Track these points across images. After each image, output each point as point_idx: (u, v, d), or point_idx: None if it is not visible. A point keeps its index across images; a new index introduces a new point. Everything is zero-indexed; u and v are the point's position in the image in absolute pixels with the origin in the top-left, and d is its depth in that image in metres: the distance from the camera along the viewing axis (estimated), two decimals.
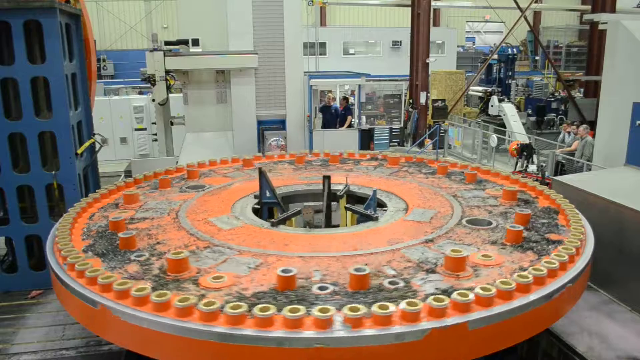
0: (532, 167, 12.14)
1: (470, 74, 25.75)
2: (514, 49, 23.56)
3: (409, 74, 19.01)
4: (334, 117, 12.11)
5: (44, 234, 5.30)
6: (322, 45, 24.74)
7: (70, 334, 4.88)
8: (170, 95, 9.87)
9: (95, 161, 7.02)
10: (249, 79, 9.70)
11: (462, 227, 4.35)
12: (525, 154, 12.68)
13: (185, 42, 10.14)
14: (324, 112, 12.18)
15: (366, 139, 14.93)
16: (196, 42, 10.13)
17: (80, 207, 4.88)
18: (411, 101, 18.70)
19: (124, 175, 9.73)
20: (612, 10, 16.48)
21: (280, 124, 10.00)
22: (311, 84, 10.54)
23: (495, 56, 22.14)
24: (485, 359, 3.48)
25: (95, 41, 8.43)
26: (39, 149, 5.70)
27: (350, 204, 5.46)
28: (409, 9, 19.17)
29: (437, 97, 20.66)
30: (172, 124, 10.32)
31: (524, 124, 17.04)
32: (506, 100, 18.55)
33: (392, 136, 18.00)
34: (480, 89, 22.17)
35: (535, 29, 31.15)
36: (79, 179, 6.05)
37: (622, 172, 6.34)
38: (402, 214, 4.81)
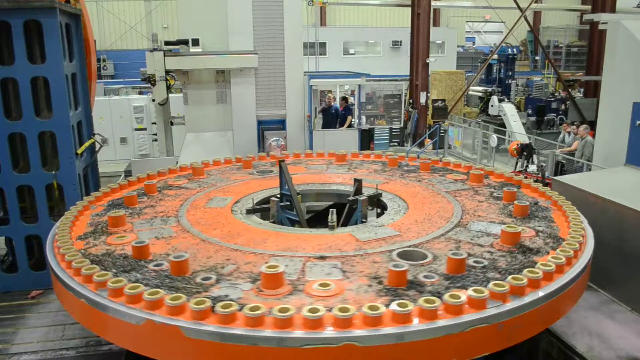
0: (532, 167, 12.13)
1: (470, 74, 25.74)
2: (514, 49, 23.56)
3: (409, 74, 19.01)
4: (334, 117, 12.11)
5: (44, 234, 5.30)
6: (322, 45, 24.71)
7: (70, 334, 4.88)
8: (170, 95, 9.86)
9: (95, 161, 7.02)
10: (249, 78, 9.69)
11: None
12: (525, 154, 12.68)
13: (185, 42, 10.13)
14: (324, 113, 12.20)
15: (366, 139, 14.93)
16: (196, 42, 10.12)
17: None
18: (411, 101, 18.70)
19: (124, 175, 9.73)
20: (612, 10, 16.51)
21: (280, 124, 9.99)
22: (311, 84, 10.53)
23: (495, 56, 22.12)
24: (485, 359, 3.48)
25: (95, 41, 8.41)
26: (39, 149, 5.69)
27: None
28: (409, 9, 19.18)
29: (437, 97, 20.66)
30: (172, 124, 10.31)
31: (524, 124, 17.05)
32: (506, 100, 18.56)
33: (392, 136, 18.00)
34: (480, 89, 22.16)
35: (535, 29, 31.14)
36: (79, 179, 6.05)
37: (622, 172, 6.34)
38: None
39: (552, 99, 18.89)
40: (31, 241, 6.00)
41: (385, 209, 5.13)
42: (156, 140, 10.76)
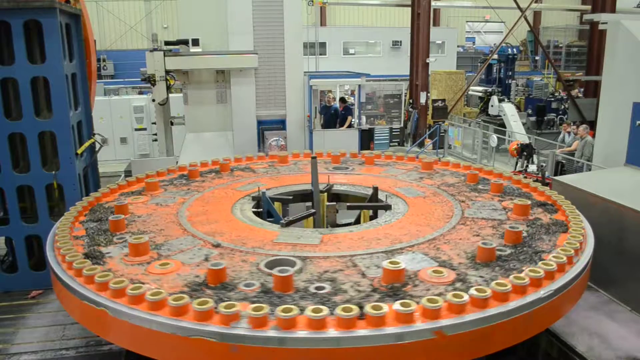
0: (532, 167, 12.14)
1: (470, 74, 25.72)
2: (514, 49, 23.49)
3: (409, 74, 19.00)
4: (334, 117, 12.11)
5: (44, 234, 5.29)
6: (322, 45, 24.72)
7: (70, 334, 4.88)
8: (170, 95, 9.85)
9: (95, 161, 7.02)
10: (249, 79, 9.69)
11: None
12: (525, 154, 12.68)
13: (185, 42, 10.13)
14: (324, 113, 12.19)
15: (366, 139, 14.93)
16: (196, 42, 10.13)
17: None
18: (411, 101, 18.70)
19: (124, 175, 9.72)
20: (612, 10, 16.45)
21: (280, 124, 9.99)
22: (311, 84, 10.53)
23: (495, 56, 22.10)
24: (485, 359, 3.49)
25: (95, 41, 8.41)
26: (39, 149, 5.69)
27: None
28: (409, 9, 19.17)
29: (437, 97, 20.64)
30: (172, 124, 10.30)
31: (524, 124, 17.04)
32: (506, 100, 18.54)
33: (392, 136, 18.00)
34: (480, 89, 22.14)
35: (535, 29, 31.12)
36: (79, 179, 6.05)
37: (622, 172, 6.34)
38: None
39: (552, 99, 18.89)
40: (31, 241, 6.00)
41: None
42: (156, 140, 10.74)
